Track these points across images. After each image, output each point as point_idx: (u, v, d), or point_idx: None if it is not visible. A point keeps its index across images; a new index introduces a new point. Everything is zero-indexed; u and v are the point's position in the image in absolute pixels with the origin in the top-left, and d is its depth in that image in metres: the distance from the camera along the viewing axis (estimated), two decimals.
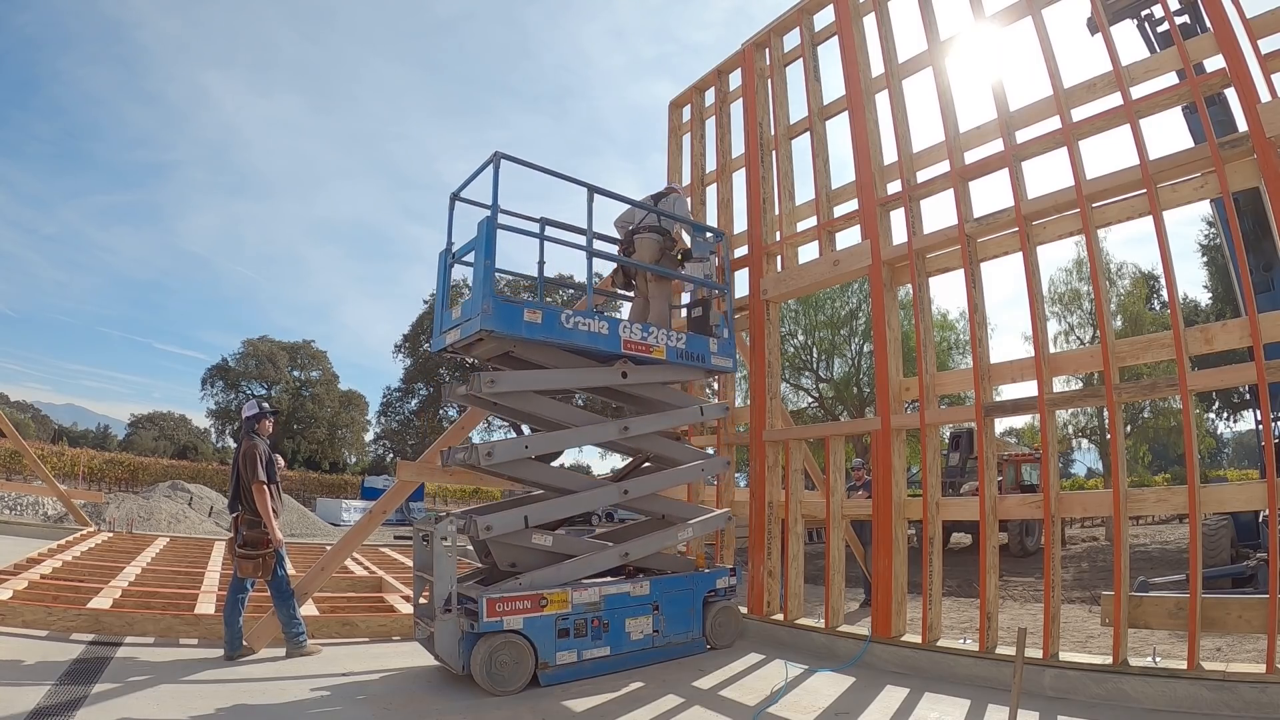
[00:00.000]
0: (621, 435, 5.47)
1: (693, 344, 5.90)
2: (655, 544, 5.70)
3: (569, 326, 5.12)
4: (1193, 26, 6.56)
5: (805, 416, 23.82)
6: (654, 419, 5.72)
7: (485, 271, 4.84)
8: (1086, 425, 20.91)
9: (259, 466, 5.29)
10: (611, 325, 5.42)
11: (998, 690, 4.39)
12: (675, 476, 5.96)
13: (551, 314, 5.06)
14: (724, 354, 6.10)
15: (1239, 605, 4.20)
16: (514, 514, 4.96)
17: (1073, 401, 5.86)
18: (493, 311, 4.78)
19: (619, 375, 5.45)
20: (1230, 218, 5.02)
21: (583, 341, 5.21)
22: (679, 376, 5.99)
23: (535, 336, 4.98)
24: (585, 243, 5.41)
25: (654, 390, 5.86)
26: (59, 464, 27.77)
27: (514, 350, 5.09)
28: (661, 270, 6.04)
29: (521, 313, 4.91)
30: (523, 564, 5.02)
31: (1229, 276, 15.17)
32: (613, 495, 5.49)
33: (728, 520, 6.34)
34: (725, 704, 4.40)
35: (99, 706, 3.88)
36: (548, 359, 5.26)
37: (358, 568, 9.27)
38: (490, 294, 4.79)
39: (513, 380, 5.05)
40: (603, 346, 5.31)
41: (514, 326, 4.88)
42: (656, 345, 5.61)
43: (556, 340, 5.10)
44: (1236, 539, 8.82)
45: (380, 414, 43.43)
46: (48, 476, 12.45)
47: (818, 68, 6.87)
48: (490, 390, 4.89)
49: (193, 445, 52.84)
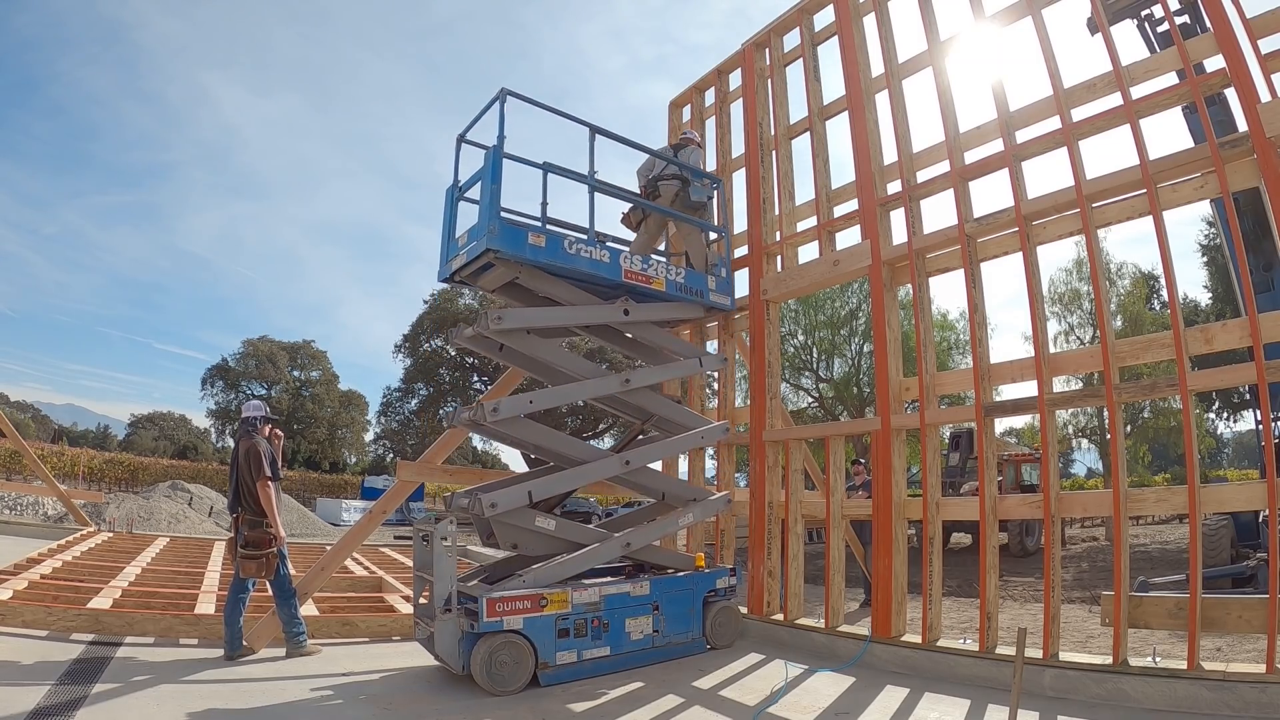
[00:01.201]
0: (624, 388, 5.54)
1: (691, 279, 6.04)
2: (656, 532, 5.74)
3: (571, 252, 5.21)
4: (1193, 26, 6.56)
5: (805, 416, 23.82)
6: (656, 370, 5.85)
7: (491, 196, 4.95)
8: (1086, 425, 20.92)
9: (264, 463, 5.29)
10: (613, 254, 5.53)
11: (998, 690, 4.39)
12: (675, 445, 6.00)
13: (555, 239, 5.16)
14: (722, 291, 6.24)
15: (1239, 605, 4.20)
16: (518, 489, 5.00)
17: (1073, 401, 5.86)
18: (499, 232, 4.88)
19: (621, 313, 5.56)
20: (1230, 218, 5.02)
21: (585, 268, 5.30)
22: (679, 314, 6.10)
23: (539, 259, 5.06)
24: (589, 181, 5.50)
25: (654, 335, 5.98)
26: (59, 464, 27.76)
27: (519, 278, 5.17)
28: (678, 215, 6.20)
29: (526, 236, 5.02)
30: (524, 546, 5.06)
31: (1229, 276, 15.16)
32: (614, 466, 5.50)
33: (727, 504, 6.37)
34: (725, 704, 4.40)
35: (99, 706, 3.88)
36: (552, 291, 5.34)
37: (358, 568, 9.26)
38: (496, 216, 4.91)
39: (518, 317, 5.15)
40: (604, 274, 5.41)
41: (518, 248, 4.97)
42: (656, 277, 5.73)
43: (560, 265, 5.16)
44: (1236, 539, 8.82)
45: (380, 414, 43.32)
46: (48, 476, 12.45)
47: (818, 68, 6.87)
48: (498, 327, 4.97)
49: (193, 445, 52.81)
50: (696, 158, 6.61)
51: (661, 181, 6.39)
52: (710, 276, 6.18)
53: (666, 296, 5.88)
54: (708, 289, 6.12)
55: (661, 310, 5.90)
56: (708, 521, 7.63)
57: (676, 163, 6.34)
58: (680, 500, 6.02)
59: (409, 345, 38.87)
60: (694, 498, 6.08)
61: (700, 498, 6.12)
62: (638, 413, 5.99)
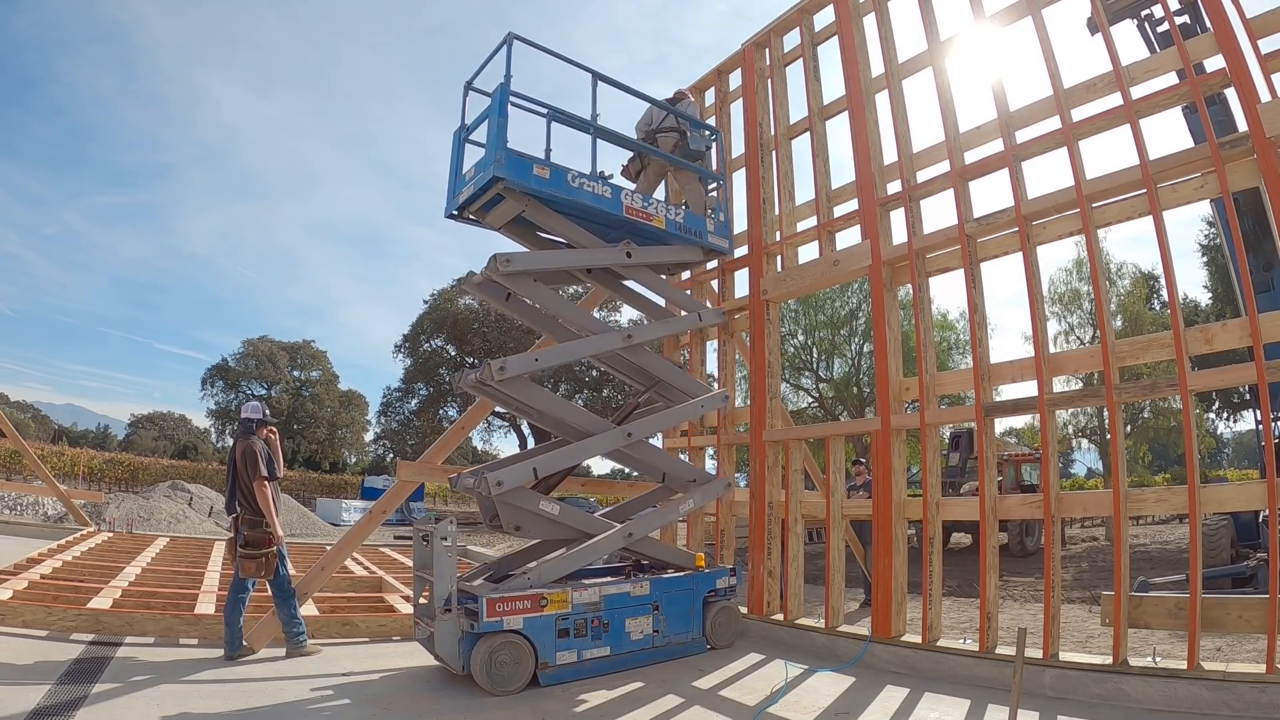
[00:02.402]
0: (626, 343, 5.65)
1: (690, 220, 6.13)
2: (658, 520, 5.80)
3: (575, 185, 5.34)
4: (1193, 26, 6.55)
5: (805, 416, 23.82)
6: (657, 325, 6.03)
7: (498, 129, 5.09)
8: (1086, 425, 20.91)
9: (260, 463, 5.29)
10: (614, 190, 5.64)
11: (998, 690, 4.39)
12: (676, 415, 6.06)
13: (559, 172, 5.27)
14: (720, 235, 6.33)
15: (1239, 605, 4.20)
16: (523, 466, 5.04)
17: (1073, 401, 5.86)
18: (505, 161, 5.03)
19: (624, 255, 5.67)
20: (1230, 218, 5.02)
21: (588, 201, 5.40)
22: (679, 256, 6.19)
23: (543, 189, 5.18)
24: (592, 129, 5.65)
25: (656, 283, 6.14)
26: (59, 464, 27.78)
27: (525, 211, 5.29)
28: (678, 160, 6.31)
29: (531, 167, 5.13)
30: (528, 528, 5.10)
31: (1229, 276, 15.15)
32: (617, 438, 5.54)
33: (726, 487, 6.41)
34: (725, 704, 4.40)
35: (99, 706, 3.88)
36: (557, 228, 5.46)
37: (358, 568, 9.26)
38: (503, 147, 5.05)
39: (526, 259, 5.31)
40: (606, 208, 5.51)
41: (524, 177, 5.09)
42: (656, 215, 5.86)
43: (563, 196, 5.27)
44: (1236, 539, 8.82)
45: (380, 414, 43.32)
46: (48, 476, 12.45)
47: (818, 68, 6.87)
48: (506, 269, 5.12)
49: (193, 445, 52.81)
50: (693, 110, 6.76)
51: (660, 134, 6.49)
52: (708, 219, 6.27)
53: (667, 236, 5.99)
54: (706, 230, 6.22)
55: (662, 253, 6.02)
56: (708, 521, 7.65)
57: (675, 111, 6.45)
58: (681, 482, 6.08)
59: (409, 345, 38.88)
60: (694, 478, 6.16)
61: (700, 479, 6.18)
62: (640, 375, 6.06)
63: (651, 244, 5.99)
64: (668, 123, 6.52)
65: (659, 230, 5.88)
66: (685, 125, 6.44)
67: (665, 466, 6.07)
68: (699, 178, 6.55)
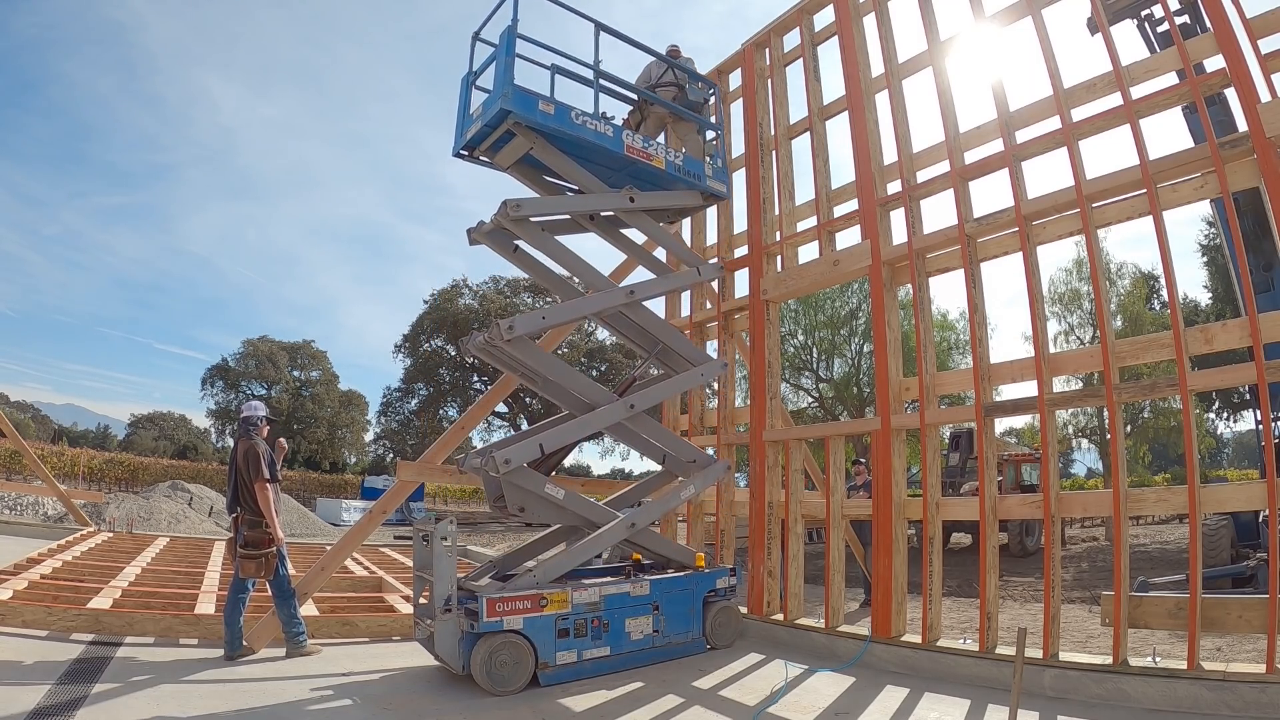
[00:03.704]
0: (628, 299, 5.76)
1: (689, 164, 6.23)
2: (660, 508, 5.85)
3: (578, 122, 5.48)
4: (1193, 26, 6.55)
5: (805, 416, 23.81)
6: (658, 281, 6.14)
7: (505, 66, 5.21)
8: (1086, 425, 20.88)
9: (262, 464, 5.29)
10: (616, 129, 5.76)
11: (998, 690, 4.39)
12: (676, 385, 6.14)
13: (563, 108, 5.40)
14: (718, 179, 6.44)
15: (1239, 605, 4.21)
16: (529, 443, 5.09)
17: (1073, 401, 5.86)
18: (512, 95, 5.15)
19: (627, 200, 5.80)
20: (1230, 218, 5.02)
21: (590, 138, 5.54)
22: (679, 201, 6.29)
23: (549, 123, 5.31)
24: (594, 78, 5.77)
25: (656, 231, 6.25)
26: (59, 464, 27.76)
27: (533, 149, 5.44)
28: (677, 108, 6.41)
29: (537, 102, 5.27)
30: (531, 510, 5.16)
31: (1229, 276, 15.16)
32: (619, 411, 5.58)
33: (727, 470, 6.43)
34: (725, 704, 4.40)
35: (99, 706, 3.88)
36: (563, 168, 5.61)
37: (358, 568, 9.26)
38: (510, 83, 5.18)
39: (534, 205, 5.49)
40: (608, 145, 5.64)
41: (530, 110, 5.22)
42: (656, 155, 5.98)
43: (567, 131, 5.41)
44: (1236, 539, 8.81)
45: (380, 414, 43.33)
46: (48, 476, 12.44)
47: (818, 68, 6.87)
48: (516, 214, 5.29)
49: (193, 445, 52.78)
50: (691, 65, 6.84)
51: (659, 89, 6.61)
52: (707, 164, 6.36)
53: (667, 179, 6.09)
54: (704, 174, 6.30)
55: (663, 198, 6.15)
56: (708, 521, 7.65)
57: (673, 63, 6.52)
58: (681, 465, 6.14)
59: (409, 345, 38.89)
60: (694, 459, 6.20)
61: (701, 460, 6.22)
62: (642, 337, 6.15)
63: (653, 189, 6.13)
64: (666, 78, 6.63)
65: (659, 172, 5.98)
66: (684, 78, 6.54)
67: (666, 443, 6.13)
68: (698, 129, 6.62)
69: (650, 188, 6.08)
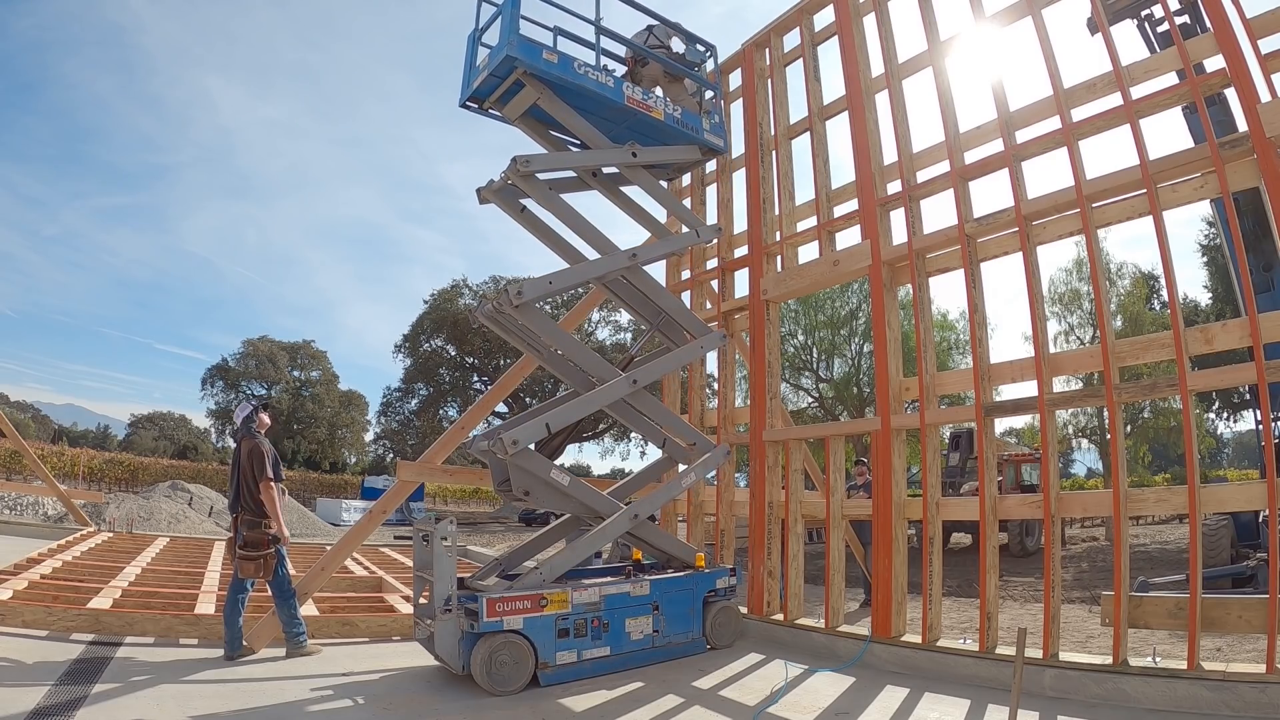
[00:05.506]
0: (631, 262, 5.86)
1: (688, 116, 6.35)
2: (662, 497, 5.92)
3: (581, 72, 5.66)
4: (1193, 26, 6.56)
5: (805, 416, 23.81)
6: (659, 244, 6.28)
7: (511, 17, 5.39)
8: (1086, 425, 20.88)
9: (267, 464, 5.29)
10: (617, 80, 5.92)
11: (998, 690, 4.39)
12: (675, 359, 6.21)
13: (565, 59, 5.60)
14: (715, 134, 6.56)
15: (1239, 605, 4.21)
16: (536, 423, 5.13)
17: (1073, 401, 5.86)
18: (518, 44, 5.34)
19: (630, 155, 5.94)
20: (1230, 218, 5.02)
21: (592, 87, 5.69)
22: (679, 155, 6.43)
23: (552, 72, 5.48)
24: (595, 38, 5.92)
25: (657, 189, 6.35)
26: (59, 464, 27.78)
27: (540, 100, 5.60)
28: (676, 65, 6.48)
29: (541, 51, 5.46)
30: (536, 495, 5.19)
31: (1229, 276, 15.15)
32: (623, 387, 5.61)
33: (726, 454, 6.46)
34: (725, 704, 4.40)
35: (99, 706, 3.88)
36: (568, 120, 5.76)
37: (358, 568, 9.26)
38: (516, 31, 5.36)
39: (542, 160, 5.65)
40: (609, 95, 5.80)
41: (535, 58, 5.40)
42: (655, 107, 6.15)
43: (570, 80, 5.59)
44: (1236, 539, 8.81)
45: (380, 414, 43.36)
46: (48, 476, 12.44)
47: (818, 68, 6.87)
48: (525, 169, 5.45)
49: (193, 445, 52.79)
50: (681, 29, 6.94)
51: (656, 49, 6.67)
52: (704, 118, 6.46)
53: (666, 132, 6.20)
54: (702, 128, 6.41)
55: (664, 152, 6.28)
56: (708, 521, 7.66)
57: (671, 25, 6.60)
58: (681, 449, 6.19)
59: (409, 345, 38.91)
60: (694, 441, 6.25)
61: (701, 444, 6.25)
62: (644, 305, 6.21)
63: (652, 144, 6.24)
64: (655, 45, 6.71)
65: (659, 123, 6.10)
66: (670, 37, 6.62)
67: (667, 422, 6.17)
68: (694, 91, 6.66)
69: (650, 142, 6.22)
